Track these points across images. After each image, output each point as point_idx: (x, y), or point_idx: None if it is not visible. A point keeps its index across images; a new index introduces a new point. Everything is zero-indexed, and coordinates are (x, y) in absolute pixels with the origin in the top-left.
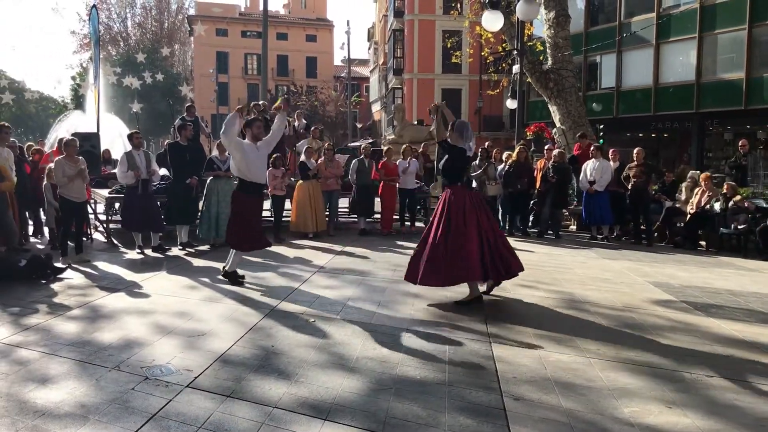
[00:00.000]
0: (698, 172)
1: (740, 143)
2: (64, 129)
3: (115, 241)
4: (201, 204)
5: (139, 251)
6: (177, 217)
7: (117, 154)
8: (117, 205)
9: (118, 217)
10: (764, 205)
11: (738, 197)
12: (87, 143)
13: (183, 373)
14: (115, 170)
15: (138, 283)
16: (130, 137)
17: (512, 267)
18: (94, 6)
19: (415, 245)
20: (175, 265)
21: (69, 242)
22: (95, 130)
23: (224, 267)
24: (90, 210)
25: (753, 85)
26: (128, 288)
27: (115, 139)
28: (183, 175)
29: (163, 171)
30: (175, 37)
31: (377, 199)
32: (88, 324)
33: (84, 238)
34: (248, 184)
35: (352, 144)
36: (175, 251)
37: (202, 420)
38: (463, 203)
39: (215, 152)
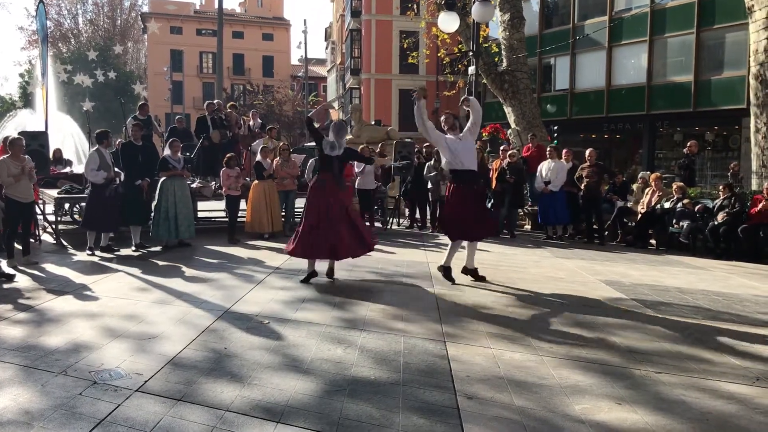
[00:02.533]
0: (648, 172)
1: (689, 144)
2: (11, 127)
3: (65, 243)
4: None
5: (90, 252)
6: (130, 217)
7: (68, 153)
8: (67, 205)
9: (67, 218)
10: (710, 205)
11: (686, 200)
12: (35, 142)
13: (132, 377)
14: (66, 170)
15: (87, 285)
16: (103, 135)
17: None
18: (41, 1)
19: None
20: (126, 267)
21: (15, 244)
22: (44, 129)
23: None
24: (38, 211)
25: (701, 87)
26: (77, 291)
27: (66, 138)
28: (136, 176)
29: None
30: (128, 34)
31: None
32: (34, 328)
33: (31, 240)
34: (460, 173)
35: (309, 144)
36: (126, 252)
37: (152, 425)
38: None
39: (167, 151)
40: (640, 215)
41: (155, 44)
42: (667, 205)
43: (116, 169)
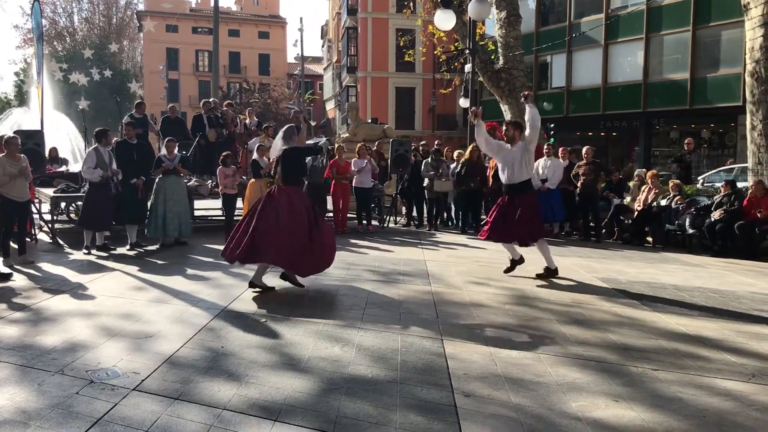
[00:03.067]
0: (644, 170)
1: (686, 142)
2: (7, 126)
3: (61, 242)
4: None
5: (86, 251)
6: (126, 216)
7: (64, 152)
8: (63, 204)
9: (63, 217)
10: (707, 202)
11: (678, 198)
12: (30, 141)
13: (129, 376)
14: (62, 169)
15: (83, 284)
16: (102, 134)
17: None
18: (36, 0)
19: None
20: (123, 266)
21: (11, 243)
22: (39, 128)
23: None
24: (34, 210)
25: (697, 85)
26: (73, 290)
27: (62, 137)
28: (131, 174)
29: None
30: (124, 33)
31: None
32: (31, 327)
33: (27, 239)
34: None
35: (305, 142)
36: (122, 251)
37: (149, 423)
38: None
39: (163, 151)
40: (636, 213)
41: (151, 42)
42: (663, 202)
43: (114, 168)
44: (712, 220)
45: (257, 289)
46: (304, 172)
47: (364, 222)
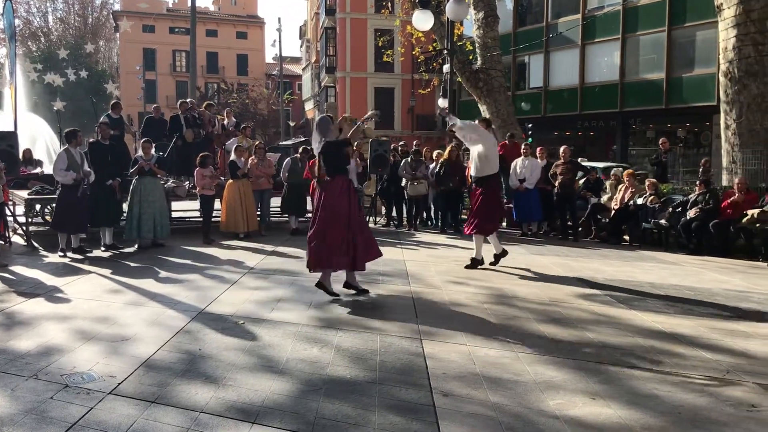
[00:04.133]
0: (621, 168)
1: (661, 141)
2: None
3: (36, 244)
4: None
5: (62, 254)
6: (101, 218)
7: (38, 153)
8: (38, 206)
9: (39, 219)
10: (682, 199)
11: (652, 197)
12: (4, 143)
13: (105, 380)
14: (36, 170)
15: (59, 287)
16: (72, 135)
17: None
18: (9, 0)
19: None
20: (98, 268)
21: None
22: (13, 129)
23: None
24: (8, 212)
25: (673, 85)
26: (48, 293)
27: (37, 138)
28: (105, 176)
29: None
30: (100, 32)
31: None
32: (4, 331)
33: (1, 242)
34: None
35: (284, 143)
36: (98, 253)
37: (125, 428)
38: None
39: (140, 152)
40: (613, 212)
41: (127, 43)
42: (640, 201)
43: (87, 168)
44: (688, 218)
45: (352, 291)
46: (346, 163)
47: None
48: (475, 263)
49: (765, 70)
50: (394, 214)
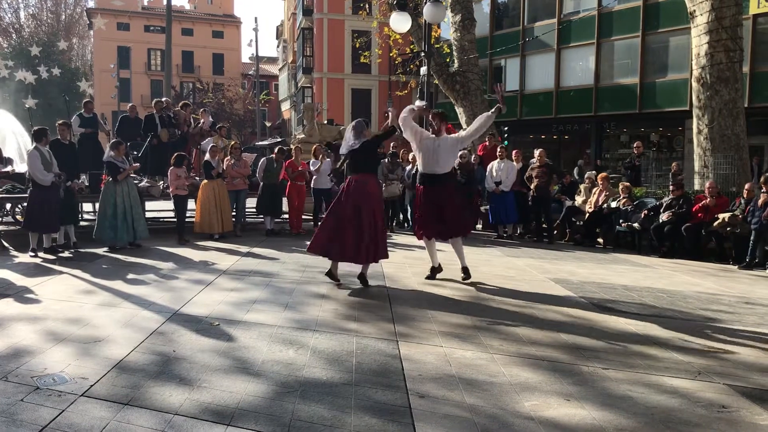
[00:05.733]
0: (594, 172)
1: (635, 145)
2: None
3: (6, 244)
4: (98, 204)
5: (33, 254)
6: (65, 217)
7: (9, 151)
8: (8, 205)
9: (9, 219)
10: (655, 203)
11: (624, 199)
12: None
13: (77, 382)
14: (7, 169)
15: (29, 288)
16: (41, 133)
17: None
18: None
19: None
20: (71, 269)
21: None
22: None
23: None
24: None
25: (646, 89)
26: (18, 293)
27: (7, 136)
28: (67, 175)
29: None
30: (73, 30)
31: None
32: None
33: None
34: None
35: (260, 143)
36: (69, 253)
37: (97, 430)
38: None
39: (111, 153)
40: (587, 214)
41: (101, 40)
42: (614, 204)
43: (56, 170)
44: (660, 221)
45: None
46: (377, 163)
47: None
48: (433, 272)
49: (736, 76)
50: None
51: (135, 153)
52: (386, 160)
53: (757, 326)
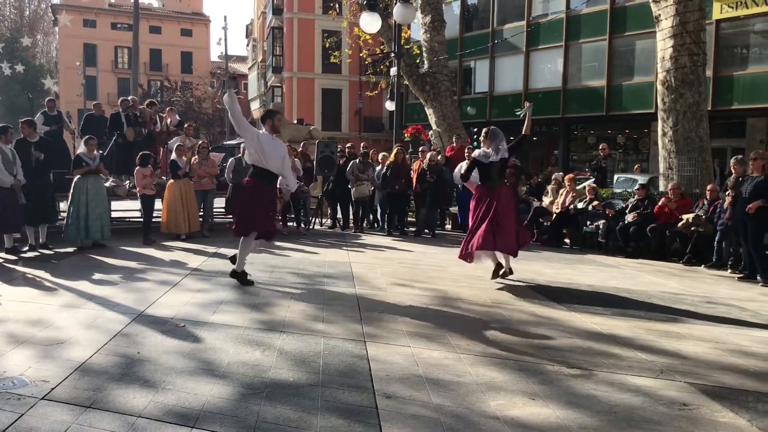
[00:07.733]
0: (561, 173)
1: (601, 147)
2: None
3: None
4: (66, 204)
5: None
6: (36, 216)
7: None
8: None
9: None
10: (621, 205)
11: (596, 202)
12: None
13: (38, 385)
14: None
15: None
16: (2, 130)
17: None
18: None
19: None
20: (33, 270)
21: None
22: None
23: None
24: None
25: (613, 92)
26: None
27: None
28: (33, 174)
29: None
30: (38, 26)
31: None
32: None
33: None
34: (263, 172)
35: (229, 142)
36: (32, 254)
37: None
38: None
39: (82, 149)
40: (554, 215)
41: (67, 37)
42: (580, 205)
43: (19, 168)
44: (625, 222)
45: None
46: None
47: (290, 224)
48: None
49: (700, 79)
50: (339, 216)
51: (101, 152)
52: (357, 160)
53: (718, 325)
